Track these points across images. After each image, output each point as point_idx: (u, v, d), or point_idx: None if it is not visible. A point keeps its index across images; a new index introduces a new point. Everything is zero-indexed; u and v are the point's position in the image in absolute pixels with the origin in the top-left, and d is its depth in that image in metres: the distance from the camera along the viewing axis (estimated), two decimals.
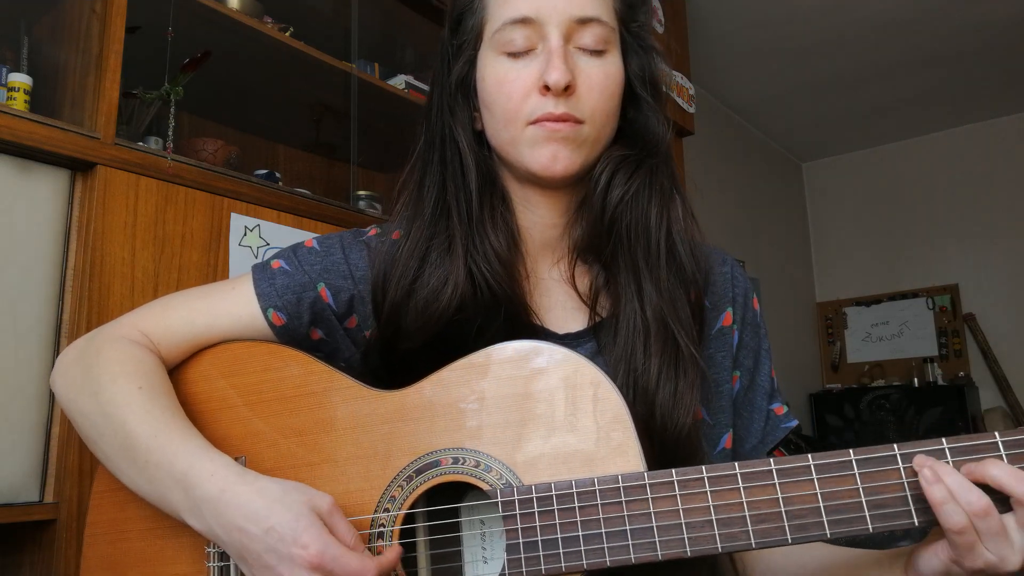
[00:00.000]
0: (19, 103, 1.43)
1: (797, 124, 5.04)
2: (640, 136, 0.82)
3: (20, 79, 1.46)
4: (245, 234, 1.65)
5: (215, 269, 1.58)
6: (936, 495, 0.59)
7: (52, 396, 1.31)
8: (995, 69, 4.30)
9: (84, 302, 1.36)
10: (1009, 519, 0.60)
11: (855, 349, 5.37)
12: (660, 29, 3.03)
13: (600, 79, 0.78)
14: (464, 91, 0.83)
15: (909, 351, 5.14)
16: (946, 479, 0.59)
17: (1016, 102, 4.76)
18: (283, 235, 1.72)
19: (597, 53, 0.78)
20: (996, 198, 4.89)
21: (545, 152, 0.77)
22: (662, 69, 0.85)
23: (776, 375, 0.90)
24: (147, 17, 1.57)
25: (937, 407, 4.59)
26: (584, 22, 0.77)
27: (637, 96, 0.83)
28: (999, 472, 0.59)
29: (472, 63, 0.83)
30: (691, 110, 3.20)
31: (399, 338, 0.79)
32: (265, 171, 1.95)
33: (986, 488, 0.60)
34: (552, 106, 0.76)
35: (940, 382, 4.84)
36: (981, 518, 0.59)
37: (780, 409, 0.88)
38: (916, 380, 4.87)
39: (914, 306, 5.16)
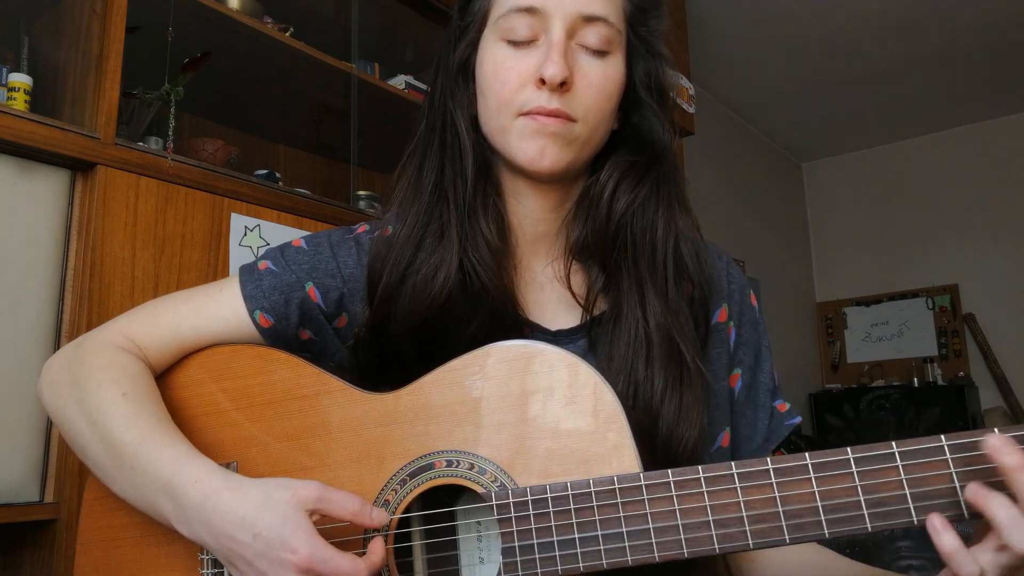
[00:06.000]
0: (19, 103, 1.44)
1: (797, 124, 5.04)
2: (646, 142, 0.81)
3: (20, 79, 1.46)
4: (245, 234, 1.65)
5: (215, 269, 1.58)
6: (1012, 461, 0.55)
7: None
8: (995, 69, 4.30)
9: (84, 302, 1.36)
10: None
11: (855, 349, 5.37)
12: None
13: (598, 79, 0.76)
14: (464, 74, 0.82)
15: (909, 351, 5.14)
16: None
17: (1016, 102, 4.76)
18: (283, 235, 1.71)
19: (599, 53, 0.77)
20: (996, 198, 4.88)
21: (533, 146, 0.75)
22: (670, 76, 0.83)
23: (777, 372, 0.89)
24: (147, 17, 1.58)
25: (937, 407, 4.58)
26: (590, 20, 0.76)
27: (641, 101, 0.81)
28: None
29: (474, 46, 0.81)
30: (691, 110, 3.20)
31: (389, 322, 0.78)
32: (265, 171, 1.95)
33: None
34: (545, 100, 0.74)
35: (940, 382, 4.83)
36: None
37: (783, 406, 0.87)
38: (916, 380, 4.87)
39: (914, 306, 5.16)
